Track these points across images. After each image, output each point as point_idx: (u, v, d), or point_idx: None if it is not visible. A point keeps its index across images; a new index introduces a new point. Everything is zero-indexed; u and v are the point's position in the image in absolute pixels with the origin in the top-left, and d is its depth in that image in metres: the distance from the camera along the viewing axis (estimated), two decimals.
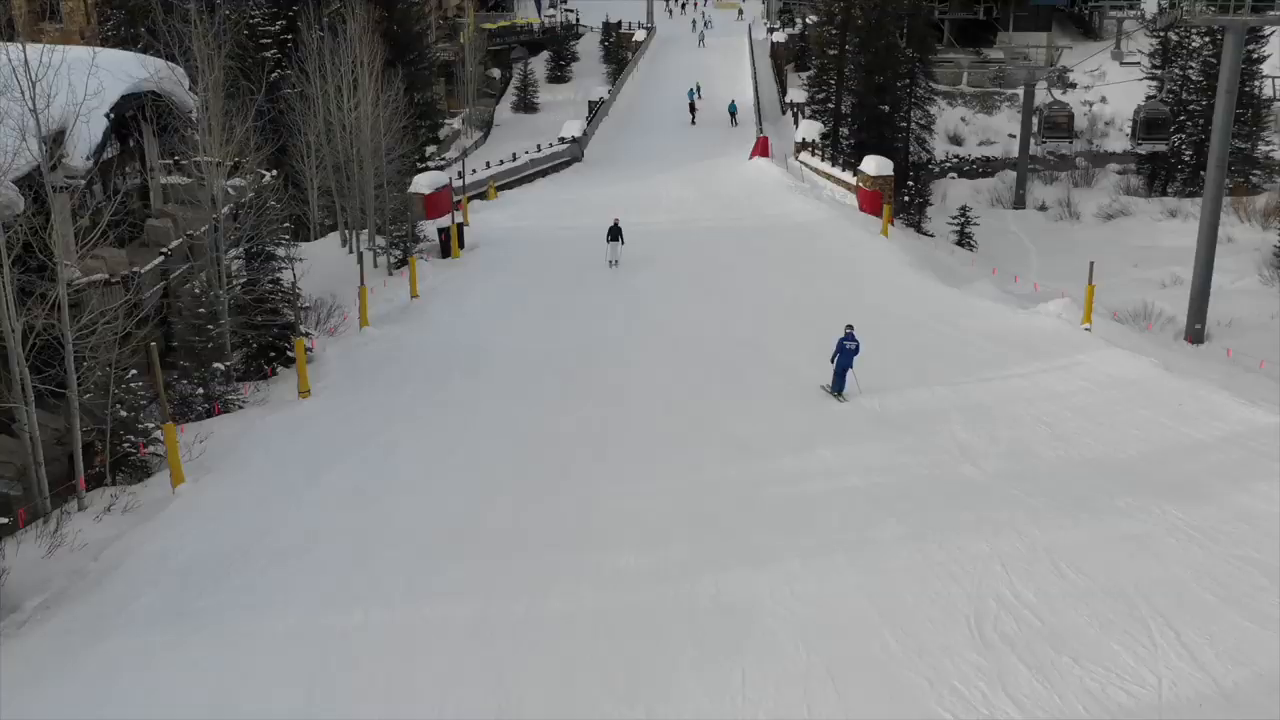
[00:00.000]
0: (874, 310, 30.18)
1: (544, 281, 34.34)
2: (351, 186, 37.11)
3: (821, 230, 41.30)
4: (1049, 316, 29.85)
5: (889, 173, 47.48)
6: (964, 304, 31.77)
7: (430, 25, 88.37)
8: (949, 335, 28.31)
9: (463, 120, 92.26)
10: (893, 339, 27.68)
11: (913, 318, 29.82)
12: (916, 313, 30.41)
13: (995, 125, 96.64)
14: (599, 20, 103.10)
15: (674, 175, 52.33)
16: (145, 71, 28.87)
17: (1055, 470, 19.64)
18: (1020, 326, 28.93)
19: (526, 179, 51.31)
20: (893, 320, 29.41)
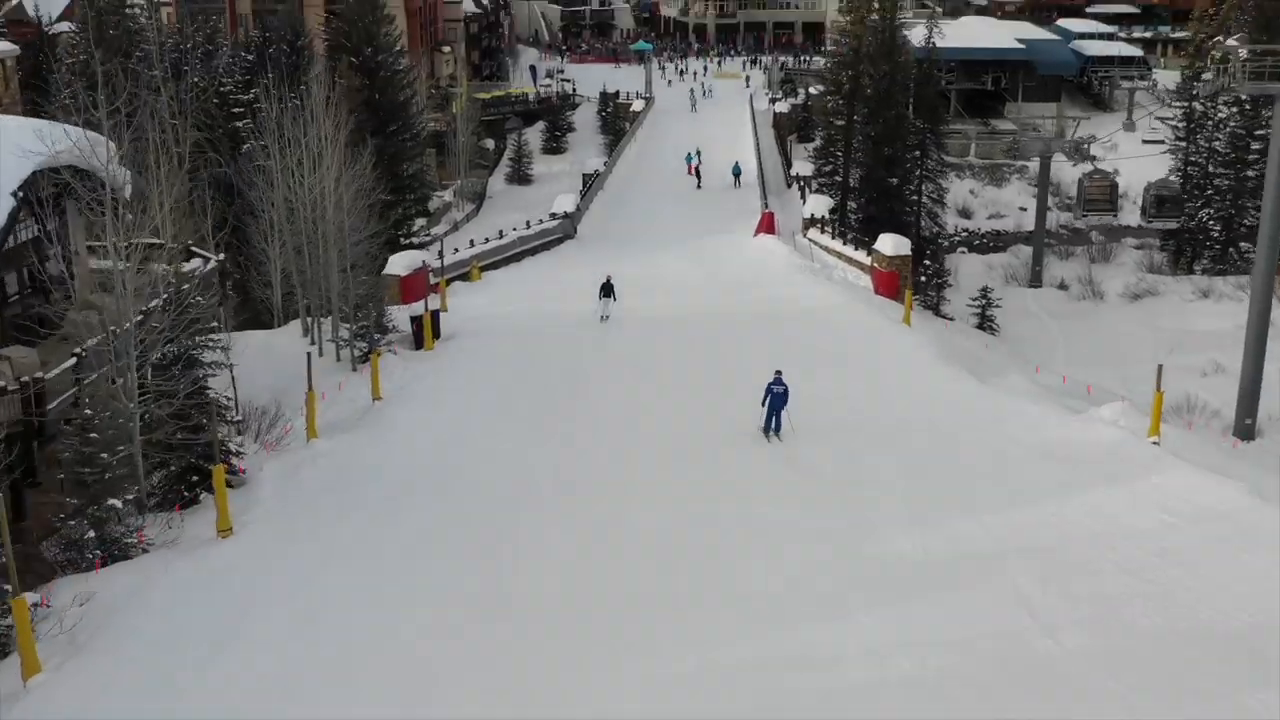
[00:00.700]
0: (905, 420, 26.25)
1: (528, 380, 30.34)
2: (316, 270, 33.26)
3: (836, 318, 37.44)
4: (1106, 424, 25.82)
5: (906, 252, 43.79)
6: (1004, 408, 27.78)
7: (417, 94, 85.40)
8: (993, 450, 24.31)
9: (454, 192, 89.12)
10: (930, 457, 23.71)
11: (949, 428, 25.83)
12: (952, 421, 26.42)
13: (1005, 198, 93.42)
14: (596, 90, 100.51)
15: (674, 254, 48.66)
16: (66, 141, 25.04)
17: (1154, 645, 15.56)
18: (1075, 438, 24.90)
19: (514, 258, 47.54)
20: (927, 431, 25.43)
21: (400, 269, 40.78)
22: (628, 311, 37.54)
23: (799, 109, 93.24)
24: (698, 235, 52.10)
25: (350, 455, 23.89)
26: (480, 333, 35.52)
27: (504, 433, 25.72)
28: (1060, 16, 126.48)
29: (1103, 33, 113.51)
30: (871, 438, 24.67)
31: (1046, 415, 27.11)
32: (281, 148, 32.93)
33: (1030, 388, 33.94)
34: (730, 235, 52.16)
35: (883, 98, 61.91)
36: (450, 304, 39.13)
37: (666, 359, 32.01)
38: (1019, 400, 28.73)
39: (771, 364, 30.34)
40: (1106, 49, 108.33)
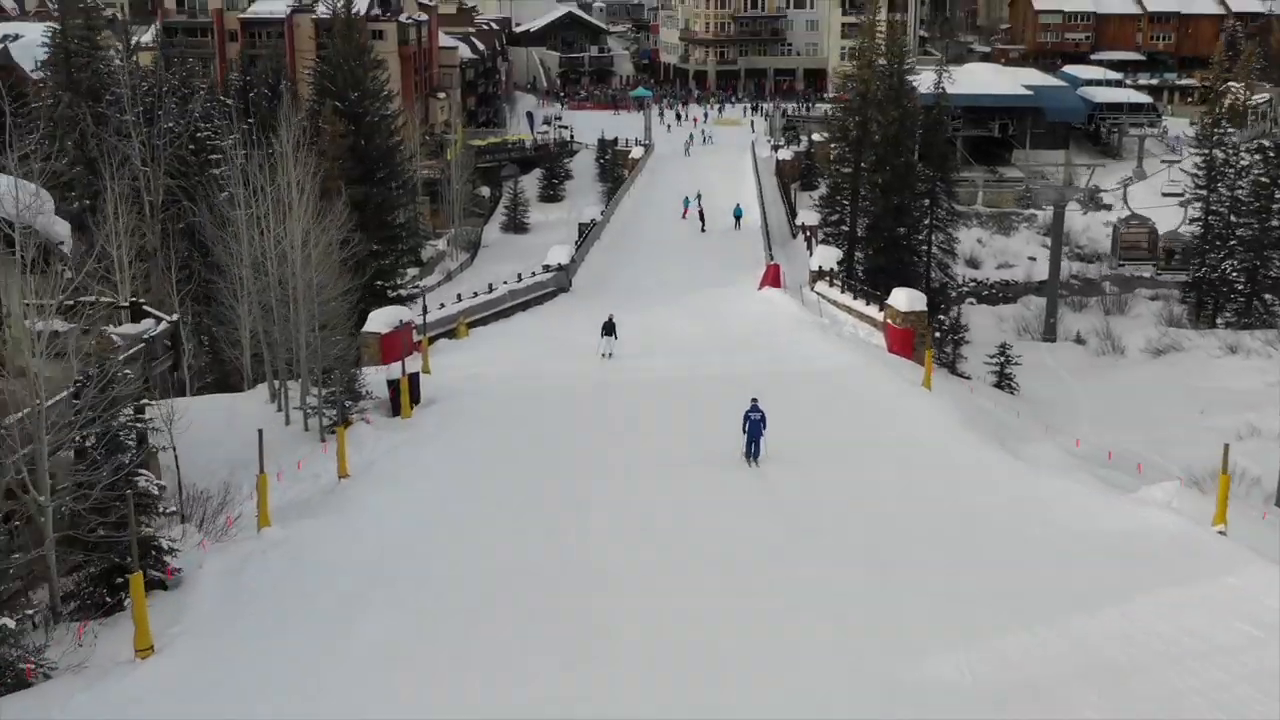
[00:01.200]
0: (936, 503, 23.31)
1: (513, 454, 27.40)
2: (285, 330, 30.41)
3: (850, 380, 34.62)
4: (1160, 509, 22.90)
5: (922, 308, 41.06)
6: (1044, 487, 24.85)
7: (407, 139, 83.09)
8: (1038, 540, 21.37)
9: (448, 241, 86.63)
10: (968, 549, 20.78)
11: (985, 513, 22.89)
12: (988, 504, 23.49)
13: (1014, 248, 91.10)
14: (594, 137, 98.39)
15: (674, 308, 45.94)
16: None
17: None
18: (1129, 526, 21.95)
19: (504, 313, 44.74)
20: (962, 518, 22.51)
21: (381, 326, 38.00)
22: (624, 374, 34.81)
23: (802, 156, 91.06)
24: (699, 288, 49.42)
25: (305, 547, 20.92)
26: (464, 397, 32.63)
27: (483, 519, 22.78)
28: (1065, 64, 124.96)
29: (1110, 79, 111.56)
30: (900, 527, 21.76)
31: (1092, 497, 24.17)
32: (247, 197, 30.22)
33: (1063, 458, 31.14)
34: (733, 288, 49.48)
35: (891, 144, 59.49)
36: (434, 364, 36.29)
37: (666, 430, 29.10)
38: (1059, 478, 25.81)
39: (784, 439, 27.68)
40: (1115, 95, 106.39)
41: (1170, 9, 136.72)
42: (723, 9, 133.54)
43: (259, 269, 30.20)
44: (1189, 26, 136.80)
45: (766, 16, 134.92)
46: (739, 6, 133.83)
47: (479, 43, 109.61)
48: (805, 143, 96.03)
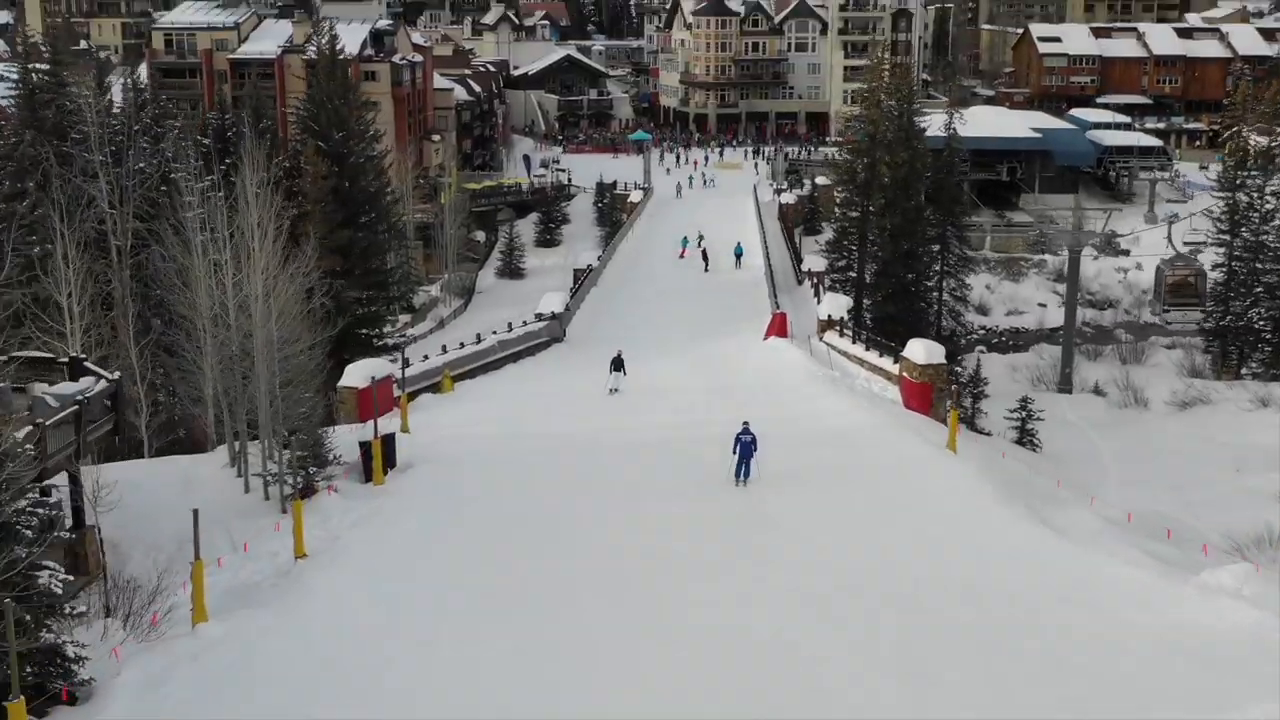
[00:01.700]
0: (972, 587, 20.41)
1: (498, 529, 24.39)
2: (250, 386, 27.56)
3: (866, 440, 31.76)
4: (1231, 598, 20.00)
5: (941, 360, 38.27)
6: (1094, 570, 21.97)
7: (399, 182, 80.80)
8: (1097, 638, 18.45)
9: (441, 287, 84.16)
10: (1017, 647, 17.87)
11: (1032, 602, 19.99)
12: (1032, 588, 20.62)
13: (1023, 294, 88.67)
14: (592, 180, 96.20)
15: (675, 359, 43.15)
16: None
17: None
18: (1199, 619, 19.06)
19: (492, 365, 41.87)
20: (1006, 606, 19.61)
21: (359, 380, 35.14)
22: (622, 432, 31.96)
23: (805, 200, 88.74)
24: (701, 338, 46.65)
25: (245, 647, 17.98)
26: (445, 461, 29.69)
27: (454, 611, 19.84)
28: (1070, 107, 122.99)
29: (1119, 122, 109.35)
30: (936, 623, 18.83)
31: (1152, 582, 21.25)
32: (206, 242, 27.49)
33: (1103, 528, 28.22)
34: (737, 338, 46.70)
35: (900, 187, 56.96)
36: (414, 422, 33.40)
37: (666, 499, 26.15)
38: (1111, 558, 22.89)
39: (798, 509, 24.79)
40: (1125, 139, 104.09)
41: (1176, 52, 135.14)
42: (723, 52, 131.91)
43: (219, 320, 27.42)
44: (1195, 70, 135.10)
45: (768, 60, 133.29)
46: (740, 49, 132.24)
47: (475, 85, 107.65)
48: (809, 186, 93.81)
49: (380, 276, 52.05)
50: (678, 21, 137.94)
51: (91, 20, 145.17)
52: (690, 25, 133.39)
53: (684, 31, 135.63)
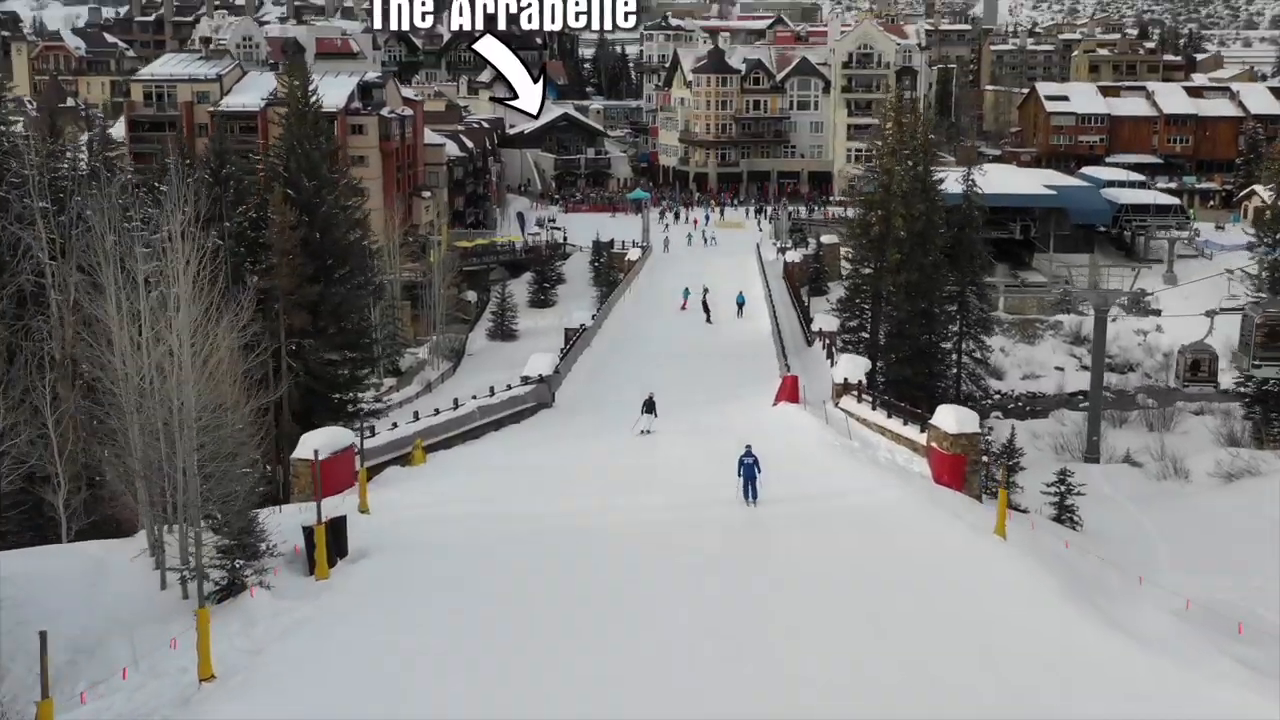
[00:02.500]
0: None
1: (462, 641, 19.81)
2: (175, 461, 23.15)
3: (897, 523, 27.37)
4: None
5: (974, 429, 33.95)
6: (1190, 692, 17.57)
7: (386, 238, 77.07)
8: None
9: (429, 349, 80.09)
10: None
11: None
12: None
13: (1039, 357, 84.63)
14: (589, 239, 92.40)
15: (675, 428, 38.82)
16: None
17: None
18: None
19: (472, 433, 37.41)
20: None
21: (315, 451, 30.75)
22: (616, 515, 27.58)
23: (811, 259, 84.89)
24: (704, 404, 42.35)
25: None
26: (406, 548, 25.24)
27: None
28: (1079, 167, 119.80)
29: (1133, 180, 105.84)
30: None
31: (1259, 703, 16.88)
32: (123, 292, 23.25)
33: (1176, 628, 23.92)
34: (744, 403, 42.41)
35: (917, 241, 52.97)
36: (375, 501, 29.01)
37: (665, 603, 21.68)
38: (1209, 678, 18.49)
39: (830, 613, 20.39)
40: (1140, 197, 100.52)
41: (1187, 111, 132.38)
42: (724, 110, 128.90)
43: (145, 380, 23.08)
44: (1206, 129, 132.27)
45: (769, 118, 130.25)
46: (741, 107, 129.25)
47: (468, 140, 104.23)
48: (814, 246, 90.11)
49: (355, 336, 47.77)
50: (677, 80, 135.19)
51: (80, 78, 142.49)
52: (690, 83, 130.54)
53: (684, 89, 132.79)
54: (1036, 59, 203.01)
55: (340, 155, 76.91)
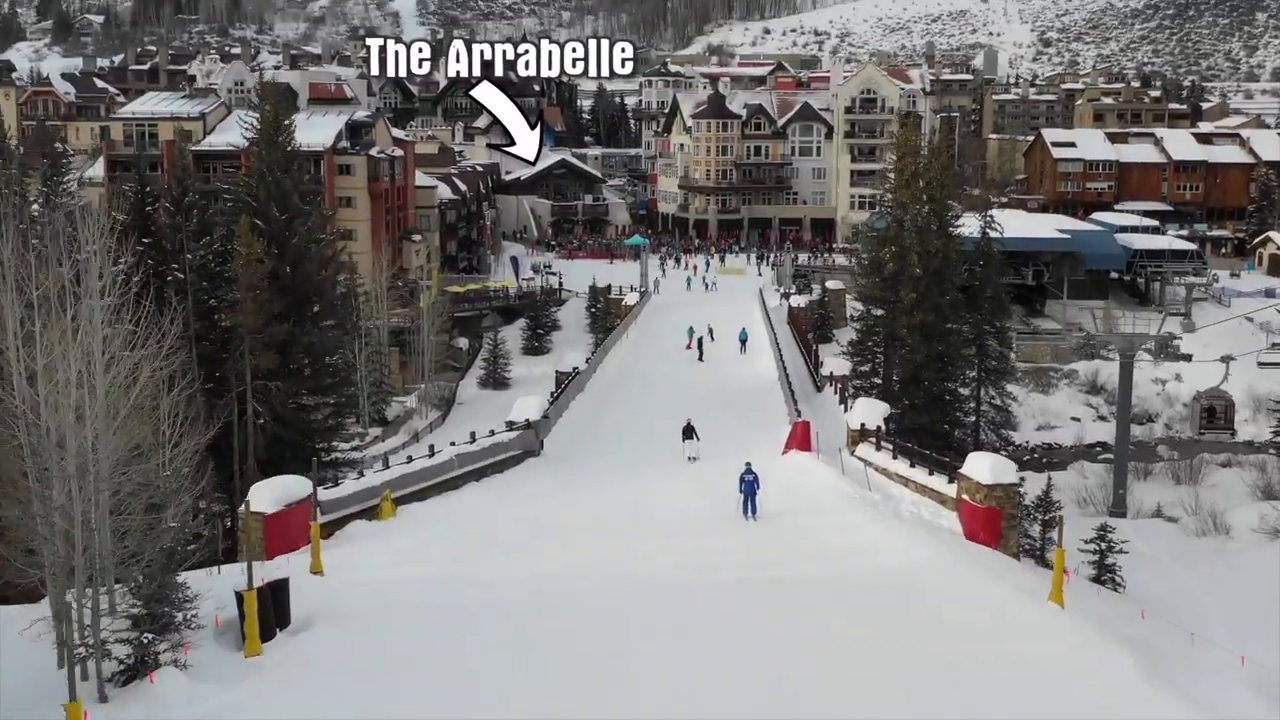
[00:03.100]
0: None
1: None
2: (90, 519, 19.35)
3: (935, 587, 23.65)
4: None
5: (1012, 479, 30.26)
6: None
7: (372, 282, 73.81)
8: None
9: (418, 398, 76.48)
10: None
11: None
12: None
13: (1054, 407, 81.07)
14: (585, 285, 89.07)
15: (674, 478, 35.18)
16: None
17: None
18: None
19: (449, 485, 33.59)
20: None
21: (267, 504, 27.13)
22: (607, 579, 23.87)
23: (815, 305, 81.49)
24: (707, 452, 38.58)
25: None
26: (360, 617, 21.46)
27: None
28: (1087, 214, 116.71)
29: (1147, 226, 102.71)
30: None
31: None
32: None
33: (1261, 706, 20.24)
34: (752, 451, 38.46)
35: (934, 280, 49.46)
36: (333, 560, 25.25)
37: (670, 689, 17.88)
38: None
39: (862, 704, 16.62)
40: (1155, 242, 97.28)
41: (1197, 158, 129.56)
42: (724, 156, 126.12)
43: None
44: (1217, 176, 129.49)
45: (771, 164, 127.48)
46: (741, 153, 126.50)
47: (461, 183, 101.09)
48: (819, 291, 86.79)
49: (331, 380, 44.13)
50: (677, 125, 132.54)
51: (69, 123, 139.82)
52: (690, 128, 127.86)
53: (683, 135, 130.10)
54: (1039, 109, 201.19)
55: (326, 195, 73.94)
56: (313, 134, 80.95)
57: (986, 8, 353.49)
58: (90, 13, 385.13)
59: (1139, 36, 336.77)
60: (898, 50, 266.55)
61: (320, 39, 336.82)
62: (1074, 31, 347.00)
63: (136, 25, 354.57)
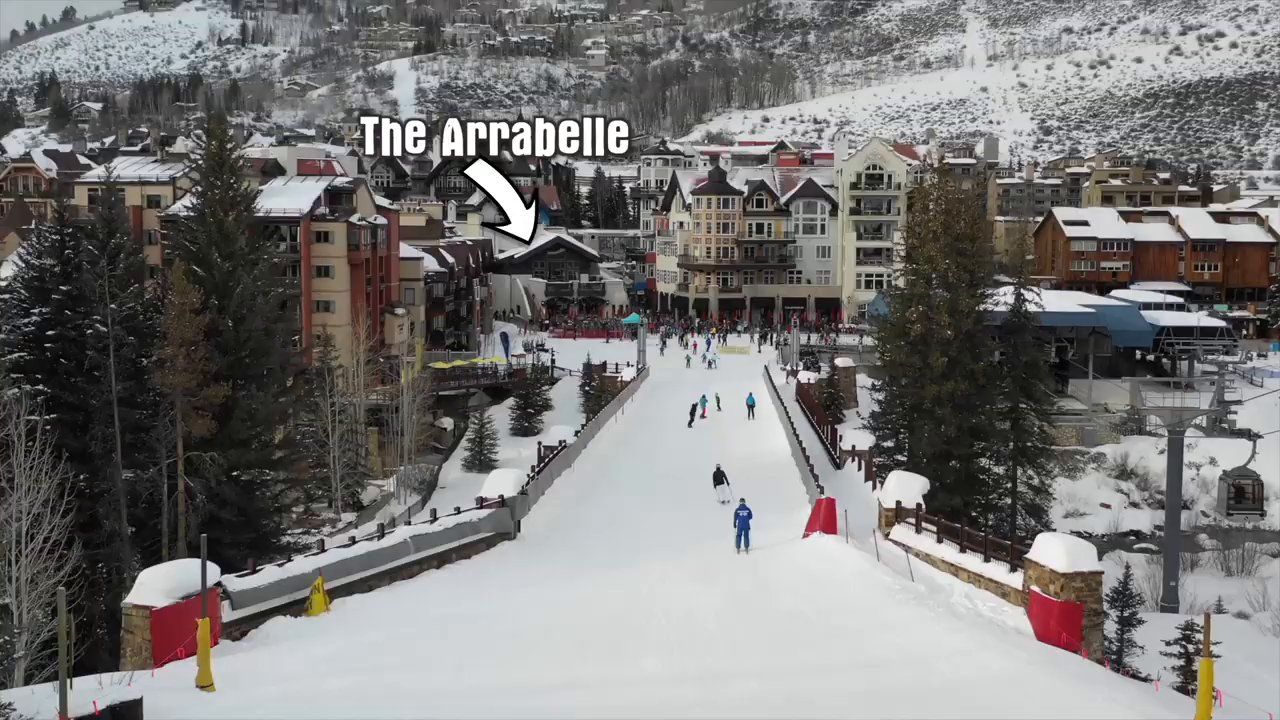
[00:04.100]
0: None
1: None
2: None
3: (1011, 704, 17.78)
4: None
5: (1093, 567, 24.42)
6: None
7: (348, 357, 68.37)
8: None
9: (397, 481, 70.63)
10: None
11: None
12: None
13: (1082, 492, 75.83)
14: (579, 363, 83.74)
15: (676, 567, 29.23)
16: None
17: None
18: None
19: (401, 572, 27.57)
20: None
21: (157, 595, 21.25)
22: (582, 697, 17.97)
23: (824, 383, 76.16)
24: (714, 535, 32.72)
25: None
26: None
27: None
28: (1102, 295, 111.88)
29: (1171, 302, 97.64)
30: None
31: None
32: None
33: None
34: (765, 534, 32.78)
35: (966, 344, 43.99)
36: (229, 669, 19.30)
37: None
38: None
39: None
40: (1183, 319, 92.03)
41: (1214, 237, 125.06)
42: (725, 233, 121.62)
43: None
44: (1235, 256, 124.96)
45: (774, 241, 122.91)
46: (743, 230, 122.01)
47: (449, 256, 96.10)
48: (827, 370, 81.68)
49: (279, 453, 38.33)
50: (676, 203, 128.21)
51: (48, 200, 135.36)
52: (689, 205, 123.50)
53: (683, 213, 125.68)
54: (1044, 193, 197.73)
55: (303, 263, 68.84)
56: (289, 199, 76.28)
57: (986, 96, 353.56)
58: (89, 100, 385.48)
59: (1139, 125, 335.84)
60: (897, 138, 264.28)
61: (316, 124, 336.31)
62: (1074, 120, 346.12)
63: (135, 113, 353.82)
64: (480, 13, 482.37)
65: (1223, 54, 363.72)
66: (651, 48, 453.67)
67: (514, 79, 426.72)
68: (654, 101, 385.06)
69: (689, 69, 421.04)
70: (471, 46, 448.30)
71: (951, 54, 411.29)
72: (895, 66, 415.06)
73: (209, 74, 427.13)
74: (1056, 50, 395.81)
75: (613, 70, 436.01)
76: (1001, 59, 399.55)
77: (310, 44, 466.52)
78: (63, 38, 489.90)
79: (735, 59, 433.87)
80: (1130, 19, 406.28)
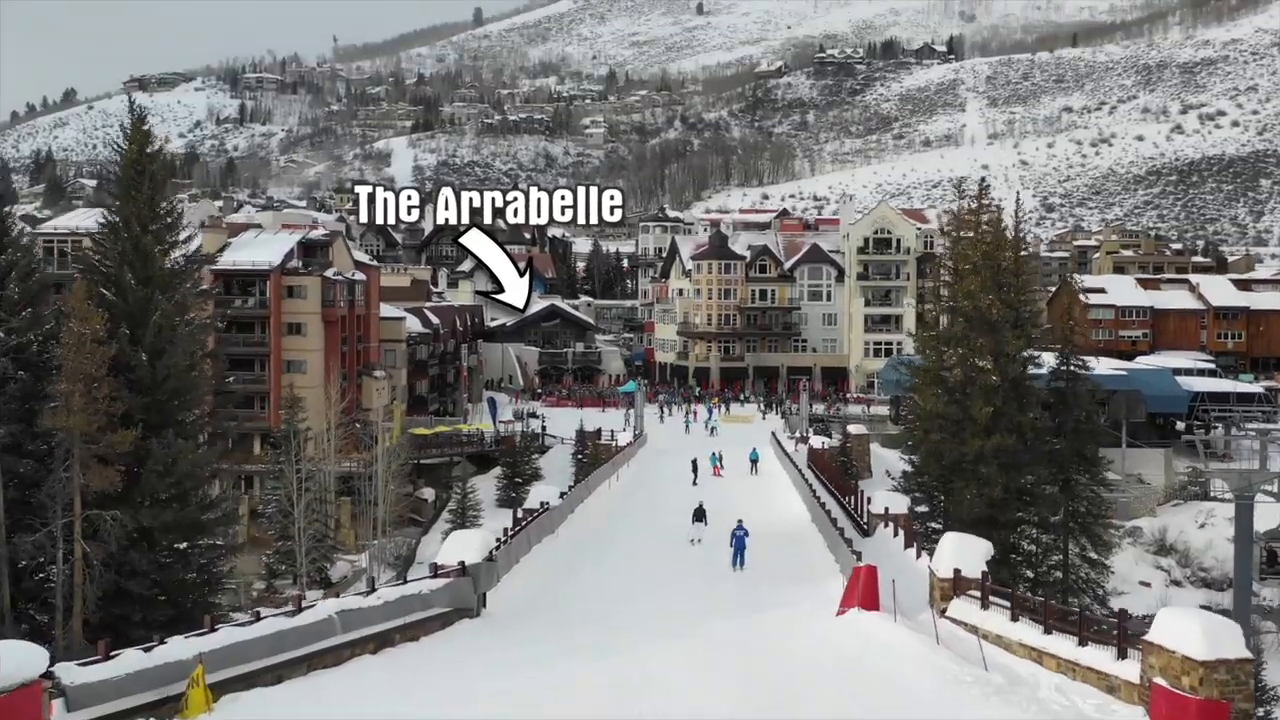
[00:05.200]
0: None
1: None
2: None
3: None
4: None
5: (1240, 652, 18.31)
6: None
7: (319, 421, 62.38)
8: None
9: (370, 556, 64.34)
10: None
11: None
12: None
13: (1120, 569, 69.36)
14: (572, 431, 77.85)
15: (679, 651, 22.87)
16: None
17: None
18: None
19: (323, 659, 21.19)
20: None
21: None
22: None
23: (836, 451, 70.26)
24: (725, 611, 26.45)
25: None
26: None
27: None
28: None
29: (1202, 368, 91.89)
30: None
31: None
32: None
33: None
34: (786, 610, 26.50)
35: (1011, 392, 37.95)
36: None
37: None
38: None
39: None
40: (1217, 385, 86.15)
41: (1238, 304, 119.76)
42: (727, 300, 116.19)
43: None
44: (1260, 324, 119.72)
45: (777, 308, 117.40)
46: (745, 297, 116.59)
47: (434, 317, 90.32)
48: (839, 438, 75.95)
49: (207, 515, 32.07)
50: (675, 269, 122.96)
51: None
52: (689, 272, 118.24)
53: (683, 280, 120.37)
54: (1050, 265, 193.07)
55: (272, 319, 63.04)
56: (258, 252, 70.84)
57: (987, 173, 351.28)
58: (84, 177, 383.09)
59: (1143, 202, 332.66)
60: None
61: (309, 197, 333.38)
62: (1076, 197, 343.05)
63: None
64: (479, 93, 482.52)
65: (1224, 132, 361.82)
66: (650, 127, 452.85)
67: (512, 156, 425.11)
68: (652, 179, 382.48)
69: (688, 147, 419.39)
70: (470, 125, 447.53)
71: (951, 132, 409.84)
72: (895, 145, 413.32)
73: (206, 153, 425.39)
74: (1057, 129, 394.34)
75: (611, 148, 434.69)
76: (1002, 137, 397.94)
77: (309, 123, 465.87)
78: (61, 117, 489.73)
79: (734, 138, 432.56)
80: (1130, 98, 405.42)
